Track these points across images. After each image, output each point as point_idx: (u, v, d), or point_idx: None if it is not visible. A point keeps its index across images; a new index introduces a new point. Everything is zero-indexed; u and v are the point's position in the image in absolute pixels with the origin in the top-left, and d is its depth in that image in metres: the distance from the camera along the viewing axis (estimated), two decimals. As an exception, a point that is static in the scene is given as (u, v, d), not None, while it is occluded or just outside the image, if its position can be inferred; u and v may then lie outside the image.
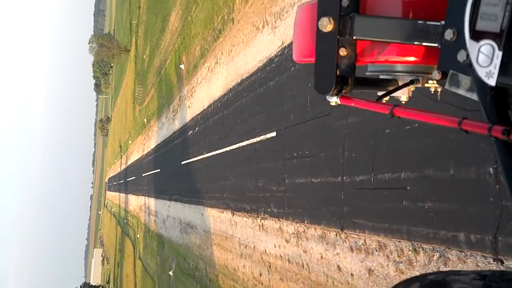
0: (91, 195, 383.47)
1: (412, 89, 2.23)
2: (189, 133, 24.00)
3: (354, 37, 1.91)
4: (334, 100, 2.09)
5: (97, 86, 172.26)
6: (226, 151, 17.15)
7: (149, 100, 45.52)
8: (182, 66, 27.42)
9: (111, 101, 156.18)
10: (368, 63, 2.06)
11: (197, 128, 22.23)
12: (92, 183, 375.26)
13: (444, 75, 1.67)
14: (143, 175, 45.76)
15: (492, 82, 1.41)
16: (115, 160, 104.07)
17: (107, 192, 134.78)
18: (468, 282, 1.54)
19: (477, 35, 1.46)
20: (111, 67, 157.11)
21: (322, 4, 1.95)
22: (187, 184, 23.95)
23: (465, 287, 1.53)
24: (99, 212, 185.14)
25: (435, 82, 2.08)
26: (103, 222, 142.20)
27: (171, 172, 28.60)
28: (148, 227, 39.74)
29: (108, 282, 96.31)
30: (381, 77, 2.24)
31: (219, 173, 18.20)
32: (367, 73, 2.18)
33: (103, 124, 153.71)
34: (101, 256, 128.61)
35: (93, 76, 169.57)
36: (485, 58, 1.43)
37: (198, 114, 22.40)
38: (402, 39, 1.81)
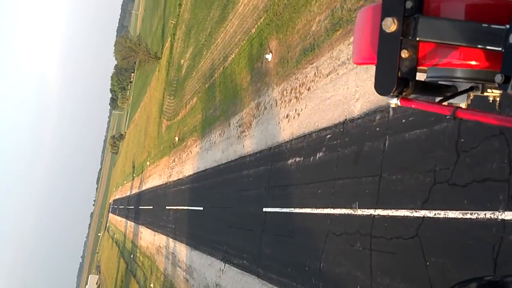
0: (92, 212, 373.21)
1: (471, 97, 2.20)
2: (286, 162, 13.92)
3: (418, 39, 1.92)
4: (394, 102, 2.10)
5: (113, 101, 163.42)
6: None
7: (185, 114, 35.64)
8: (268, 56, 17.56)
9: (126, 117, 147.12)
10: (429, 65, 2.07)
11: (314, 157, 12.15)
12: (94, 200, 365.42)
13: (507, 79, 1.66)
14: (168, 207, 35.53)
15: None
16: (124, 182, 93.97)
17: (110, 214, 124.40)
18: None
19: None
20: (130, 82, 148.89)
21: (386, 5, 1.95)
22: (276, 251, 13.78)
23: None
24: (99, 234, 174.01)
25: (494, 91, 2.06)
26: (103, 246, 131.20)
27: (236, 221, 18.42)
28: (172, 281, 29.28)
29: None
30: (440, 83, 2.21)
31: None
32: (427, 78, 2.18)
33: (114, 141, 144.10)
34: (96, 284, 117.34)
35: (111, 90, 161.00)
36: None
37: (313, 132, 12.43)
38: (466, 42, 1.80)
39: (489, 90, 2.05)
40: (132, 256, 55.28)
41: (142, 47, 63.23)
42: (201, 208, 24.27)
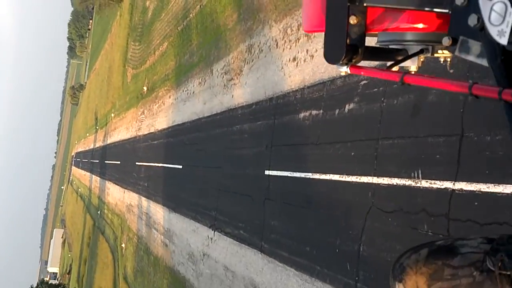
0: (53, 165, 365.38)
1: (421, 59, 2.22)
2: (297, 116, 11.30)
3: (365, 4, 1.89)
4: (344, 70, 2.10)
5: (71, 49, 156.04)
6: None
7: (154, 61, 32.36)
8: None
9: (85, 67, 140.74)
10: (378, 31, 2.06)
11: (340, 109, 9.57)
12: (55, 153, 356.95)
13: (454, 41, 1.67)
14: (138, 163, 32.72)
15: (504, 41, 1.39)
16: (87, 134, 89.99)
17: (73, 167, 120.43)
18: (476, 246, 1.55)
19: None
20: (89, 29, 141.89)
21: None
22: (286, 224, 11.30)
23: (473, 251, 1.55)
24: (62, 187, 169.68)
25: (445, 51, 2.06)
26: (66, 200, 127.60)
27: (227, 184, 15.77)
28: (147, 244, 26.86)
29: (69, 273, 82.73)
30: (391, 47, 2.22)
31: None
32: (377, 43, 2.19)
33: (74, 92, 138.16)
34: (62, 237, 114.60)
35: (68, 38, 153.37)
36: (497, 17, 1.40)
37: (337, 78, 9.80)
38: (413, 5, 1.81)
39: (439, 51, 2.03)
40: (99, 212, 52.57)
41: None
42: (180, 167, 21.59)
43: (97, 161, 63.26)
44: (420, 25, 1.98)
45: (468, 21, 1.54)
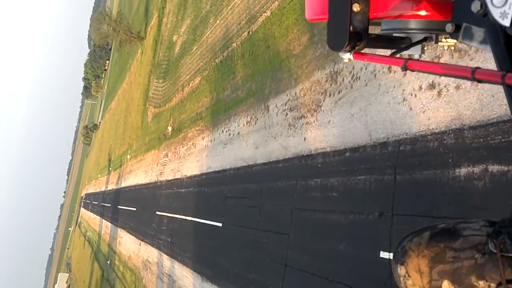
0: (62, 204, 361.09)
1: (425, 48, 2.22)
2: (451, 171, 7.21)
3: None
4: (347, 57, 2.06)
5: (86, 89, 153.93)
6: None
7: (182, 98, 28.61)
8: None
9: (99, 107, 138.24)
10: (381, 18, 2.06)
11: None
12: (64, 192, 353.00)
13: (457, 28, 1.66)
14: (159, 213, 28.52)
15: (506, 22, 1.39)
16: (99, 175, 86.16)
17: (82, 209, 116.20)
18: (478, 229, 1.56)
19: None
20: (105, 70, 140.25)
21: None
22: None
23: (475, 233, 1.56)
24: (69, 229, 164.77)
25: (448, 40, 2.05)
26: (73, 242, 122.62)
27: (302, 256, 11.48)
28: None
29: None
30: (394, 35, 2.22)
31: None
32: (381, 31, 2.19)
33: (87, 132, 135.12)
34: (66, 282, 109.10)
35: (84, 78, 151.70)
36: None
37: None
38: None
39: (443, 40, 2.03)
40: (108, 262, 48.00)
41: (123, 25, 55.41)
42: (219, 224, 17.35)
43: (109, 205, 59.05)
44: (423, 12, 1.98)
45: (471, 7, 1.52)
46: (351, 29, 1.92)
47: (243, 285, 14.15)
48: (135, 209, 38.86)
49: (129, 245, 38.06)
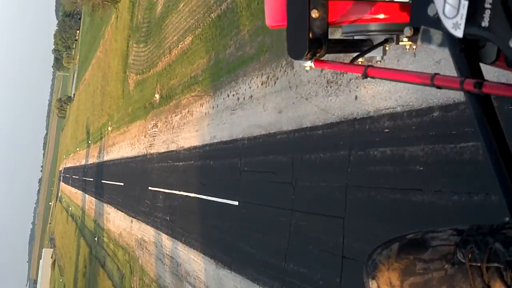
0: (40, 178, 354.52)
1: (387, 49, 2.20)
2: None
3: None
4: (308, 65, 2.05)
5: (57, 61, 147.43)
6: None
7: (170, 62, 25.62)
8: None
9: (72, 78, 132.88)
10: (341, 24, 2.03)
11: None
12: (41, 166, 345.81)
13: (416, 31, 1.65)
14: (152, 189, 25.85)
15: (459, 33, 1.38)
16: (77, 149, 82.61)
17: (61, 183, 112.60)
18: (446, 238, 1.56)
19: None
20: (76, 40, 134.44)
21: None
22: None
23: (444, 243, 1.56)
24: (50, 203, 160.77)
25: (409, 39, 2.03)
26: (55, 218, 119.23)
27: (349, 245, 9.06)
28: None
29: (59, 301, 75.07)
30: (355, 38, 2.18)
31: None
32: (342, 34, 2.15)
33: (61, 105, 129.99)
34: (51, 257, 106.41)
35: (54, 49, 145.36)
36: (451, 9, 1.39)
37: None
38: None
39: (404, 39, 1.99)
40: (96, 239, 45.35)
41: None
42: (234, 203, 14.75)
43: (91, 179, 55.99)
44: (382, 16, 1.97)
45: (427, 11, 1.51)
46: (310, 35, 1.88)
47: (278, 277, 11.67)
48: (122, 184, 36.05)
49: (118, 222, 35.40)
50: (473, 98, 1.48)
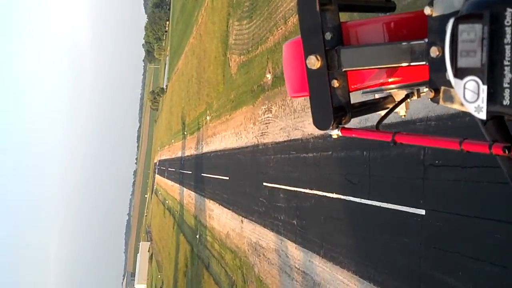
0: (135, 171, 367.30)
1: (409, 101, 2.24)
2: None
3: (343, 69, 1.92)
4: (335, 133, 2.09)
5: (148, 53, 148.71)
6: None
7: (285, 34, 21.55)
8: None
9: (164, 70, 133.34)
10: (361, 89, 2.09)
11: None
12: (136, 159, 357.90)
13: (437, 91, 1.66)
14: (268, 185, 21.99)
15: (482, 116, 1.41)
16: (172, 141, 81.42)
17: (156, 175, 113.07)
18: None
19: (460, 73, 1.45)
20: (166, 31, 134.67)
21: (307, 42, 1.95)
22: None
23: None
24: (145, 196, 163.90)
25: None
26: (152, 210, 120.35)
27: None
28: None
29: (159, 296, 74.17)
30: (376, 96, 2.25)
31: None
32: (363, 94, 2.23)
33: (154, 97, 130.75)
34: (148, 251, 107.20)
35: (145, 42, 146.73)
36: (471, 94, 1.42)
37: None
38: (390, 63, 1.80)
39: (425, 90, 1.87)
40: (198, 236, 42.60)
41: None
42: (419, 212, 10.37)
43: (189, 172, 53.60)
44: (401, 79, 1.99)
45: (445, 75, 1.53)
46: (333, 105, 1.93)
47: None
48: (227, 178, 32.66)
49: (224, 221, 32.06)
50: (505, 160, 1.52)
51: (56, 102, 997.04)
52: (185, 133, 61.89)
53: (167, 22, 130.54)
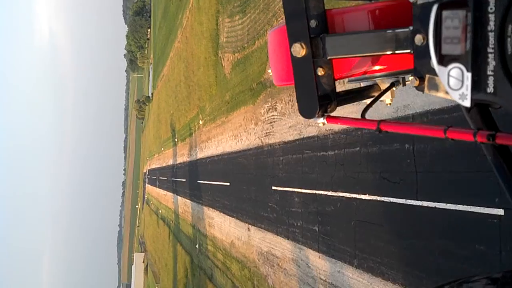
0: (123, 181, 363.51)
1: (395, 90, 2.26)
2: None
3: (328, 57, 1.91)
4: (321, 121, 2.08)
5: (131, 62, 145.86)
6: None
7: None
8: None
9: (148, 78, 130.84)
10: (346, 77, 2.07)
11: None
12: (124, 170, 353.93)
13: (422, 80, 1.66)
14: (278, 189, 20.07)
15: (467, 103, 1.42)
16: (162, 149, 79.23)
17: (147, 185, 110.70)
18: None
19: (444, 60, 1.45)
20: (148, 39, 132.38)
21: (291, 30, 1.94)
22: None
23: None
24: (136, 206, 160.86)
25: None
26: (144, 221, 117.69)
27: None
28: None
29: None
30: (362, 84, 2.28)
31: None
32: (348, 82, 2.20)
33: (140, 106, 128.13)
34: (143, 262, 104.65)
35: (128, 51, 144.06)
36: (456, 82, 1.42)
37: None
38: (375, 51, 1.79)
39: (410, 78, 1.86)
40: (197, 246, 40.53)
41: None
42: (495, 212, 8.50)
43: (183, 180, 51.49)
44: (386, 67, 1.98)
45: (430, 62, 1.51)
46: (319, 93, 1.93)
47: None
48: (227, 183, 30.66)
49: (227, 229, 30.06)
50: (489, 148, 1.53)
51: (39, 114, 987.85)
52: (176, 140, 59.82)
53: (149, 30, 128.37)
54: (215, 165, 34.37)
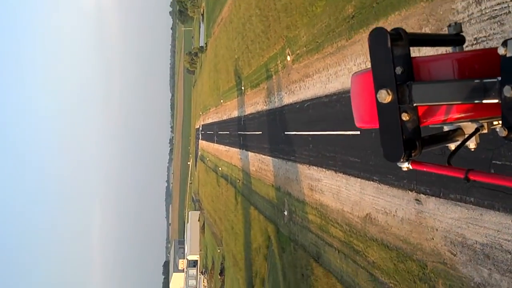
0: (171, 138, 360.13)
1: (478, 135, 2.18)
2: None
3: (414, 104, 1.93)
4: (405, 166, 2.07)
5: (181, 14, 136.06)
6: None
7: None
8: None
9: (199, 29, 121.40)
10: (431, 124, 2.08)
11: None
12: (171, 127, 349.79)
13: (511, 130, 1.61)
14: None
15: None
16: (220, 101, 70.55)
17: (203, 141, 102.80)
18: None
19: None
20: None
21: (378, 76, 1.97)
22: None
23: None
24: (188, 163, 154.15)
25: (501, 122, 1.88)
26: (198, 178, 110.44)
27: None
28: None
29: (221, 274, 64.52)
30: (446, 128, 2.25)
31: None
32: (431, 125, 2.14)
33: (192, 58, 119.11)
34: (199, 220, 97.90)
35: (176, 1, 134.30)
36: None
37: None
38: (461, 99, 1.79)
39: (495, 123, 1.92)
40: (285, 213, 31.76)
41: None
42: None
43: (257, 132, 42.61)
44: (471, 114, 1.93)
45: None
46: (404, 137, 1.96)
47: None
48: (340, 132, 21.40)
49: (354, 197, 20.88)
50: None
51: (86, 77, 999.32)
52: (243, 88, 50.66)
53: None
54: (323, 109, 25.03)
